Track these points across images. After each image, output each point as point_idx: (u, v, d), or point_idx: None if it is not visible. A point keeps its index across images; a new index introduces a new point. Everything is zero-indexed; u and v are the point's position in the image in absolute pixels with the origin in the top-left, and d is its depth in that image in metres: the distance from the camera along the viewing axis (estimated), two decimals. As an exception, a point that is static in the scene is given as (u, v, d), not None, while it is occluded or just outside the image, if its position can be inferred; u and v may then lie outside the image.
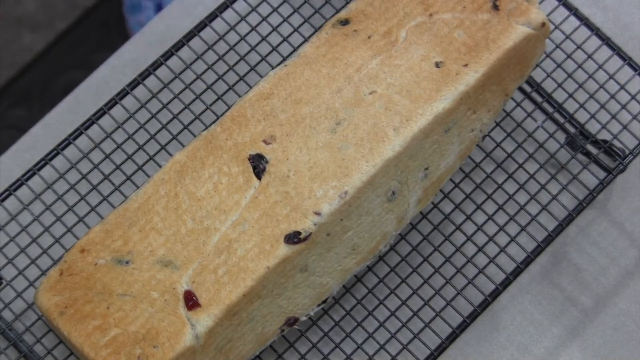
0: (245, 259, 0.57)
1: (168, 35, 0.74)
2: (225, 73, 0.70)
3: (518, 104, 0.70)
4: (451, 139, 0.62)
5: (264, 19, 0.71)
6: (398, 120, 0.59)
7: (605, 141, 0.69)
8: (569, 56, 0.70)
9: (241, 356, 0.59)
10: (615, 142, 0.69)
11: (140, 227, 0.58)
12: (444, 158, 0.62)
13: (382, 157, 0.58)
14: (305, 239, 0.57)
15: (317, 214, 0.57)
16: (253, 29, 0.71)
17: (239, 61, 0.70)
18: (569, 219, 0.67)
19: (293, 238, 0.57)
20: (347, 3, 0.68)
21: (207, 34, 0.70)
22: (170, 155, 0.67)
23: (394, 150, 0.58)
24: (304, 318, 0.61)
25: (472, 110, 0.62)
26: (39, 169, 0.67)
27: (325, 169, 0.58)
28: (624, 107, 0.69)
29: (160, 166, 0.61)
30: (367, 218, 0.59)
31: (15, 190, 0.66)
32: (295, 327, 0.62)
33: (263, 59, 0.70)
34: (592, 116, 0.69)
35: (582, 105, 0.69)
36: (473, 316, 0.65)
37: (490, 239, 0.67)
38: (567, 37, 0.70)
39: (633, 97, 0.69)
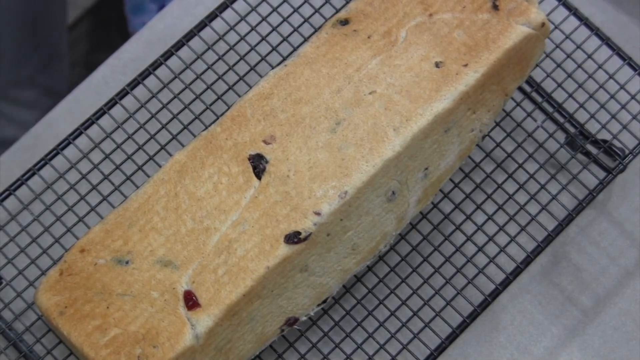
0: (245, 259, 0.57)
1: (168, 35, 0.74)
2: (225, 73, 0.70)
3: (518, 104, 0.70)
4: (451, 139, 0.62)
5: (264, 18, 0.71)
6: (398, 120, 0.59)
7: (605, 141, 0.69)
8: (568, 56, 0.70)
9: (241, 356, 0.59)
10: (615, 142, 0.69)
11: (140, 227, 0.58)
12: (444, 158, 0.62)
13: (382, 157, 0.58)
14: (305, 239, 0.57)
15: (317, 214, 0.57)
16: (253, 28, 0.71)
17: (238, 61, 0.70)
18: (569, 218, 0.67)
19: (293, 238, 0.57)
20: (347, 3, 0.68)
21: (207, 33, 0.70)
22: (170, 155, 0.67)
23: (394, 150, 0.58)
24: (304, 318, 0.61)
25: (472, 110, 0.62)
26: (39, 169, 0.67)
27: (325, 169, 0.58)
28: (623, 107, 0.69)
29: (160, 166, 0.61)
30: (367, 218, 0.59)
31: (15, 190, 0.66)
32: (295, 327, 0.62)
33: (263, 58, 0.70)
34: (592, 116, 0.69)
35: (581, 105, 0.69)
36: (473, 316, 0.64)
37: (490, 238, 0.67)
38: (567, 37, 0.70)
39: (633, 97, 0.69)
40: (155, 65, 0.69)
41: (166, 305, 0.56)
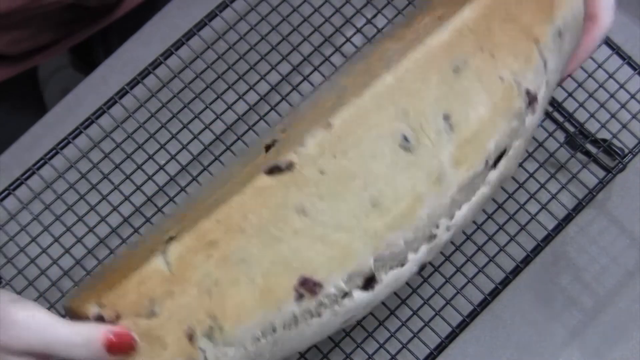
0: (225, 193, 0.53)
1: (168, 34, 0.74)
2: (224, 72, 0.70)
3: (517, 103, 0.70)
4: (470, 83, 0.56)
5: (263, 17, 0.71)
6: (391, 56, 0.55)
7: (604, 140, 0.69)
8: (568, 55, 0.70)
9: (241, 308, 0.52)
10: (615, 141, 0.70)
11: None
12: (470, 106, 0.56)
13: (371, 90, 0.54)
14: (287, 168, 0.53)
15: (300, 145, 0.53)
16: (252, 28, 0.71)
17: (238, 60, 0.70)
18: (569, 218, 0.67)
19: (274, 169, 0.53)
20: (346, 2, 0.68)
21: (207, 33, 0.70)
22: (170, 154, 0.67)
23: (384, 83, 0.54)
24: (333, 290, 0.53)
25: (488, 52, 0.57)
26: (39, 168, 0.67)
27: (321, 114, 0.55)
28: (623, 106, 0.69)
29: (159, 165, 0.61)
30: (375, 164, 0.54)
31: (15, 189, 0.66)
32: (321, 298, 0.53)
33: (262, 57, 0.70)
34: (592, 115, 0.69)
35: (581, 105, 0.70)
36: (473, 315, 0.64)
37: (490, 238, 0.67)
38: (567, 36, 0.71)
39: (632, 97, 0.69)
40: (155, 64, 0.69)
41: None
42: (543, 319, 0.69)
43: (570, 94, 0.70)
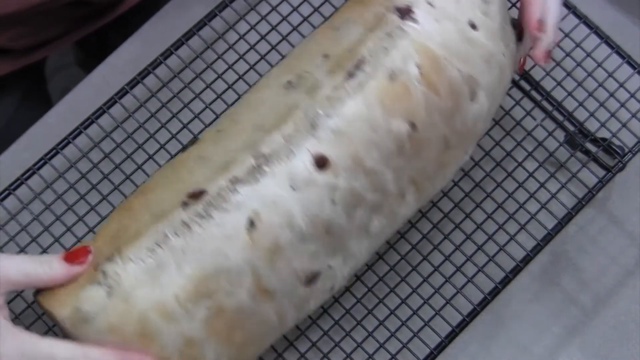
0: None
1: (168, 34, 0.74)
2: (224, 72, 0.70)
3: (517, 102, 0.70)
4: (347, 29, 0.61)
5: (263, 17, 0.71)
6: None
7: (604, 139, 0.69)
8: (567, 54, 0.70)
9: (137, 231, 0.56)
10: (615, 140, 0.70)
11: None
12: (345, 40, 0.60)
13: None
14: (193, 142, 0.60)
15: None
16: (252, 27, 0.71)
17: (238, 60, 0.70)
18: (568, 217, 0.67)
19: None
20: (346, 1, 0.68)
21: (207, 33, 0.70)
22: (170, 154, 0.67)
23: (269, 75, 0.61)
24: (216, 190, 0.55)
25: (362, 6, 0.61)
26: (39, 168, 0.67)
27: None
28: (623, 105, 0.69)
29: (159, 165, 0.61)
30: (263, 107, 0.59)
31: (15, 189, 0.66)
32: (207, 199, 0.56)
33: (262, 57, 0.70)
34: (592, 114, 0.69)
35: (581, 104, 0.70)
36: (472, 315, 0.64)
37: (490, 237, 0.67)
38: (566, 35, 0.71)
39: (632, 95, 0.69)
40: (155, 64, 0.69)
41: None
42: (543, 318, 0.69)
43: (570, 93, 0.70)
